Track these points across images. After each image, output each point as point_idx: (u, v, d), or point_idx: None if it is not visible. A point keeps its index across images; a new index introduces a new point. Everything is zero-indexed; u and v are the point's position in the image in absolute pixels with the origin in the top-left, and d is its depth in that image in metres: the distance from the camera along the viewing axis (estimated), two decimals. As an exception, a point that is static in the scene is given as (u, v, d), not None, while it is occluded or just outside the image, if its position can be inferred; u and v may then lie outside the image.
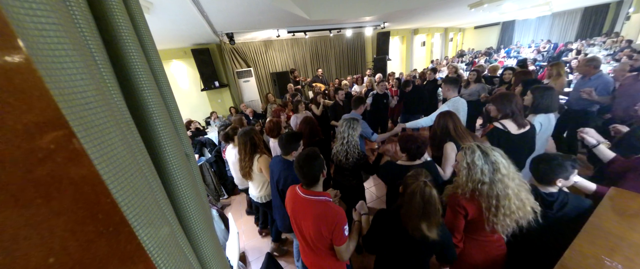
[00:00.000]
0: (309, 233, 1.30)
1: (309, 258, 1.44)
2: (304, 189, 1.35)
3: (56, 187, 0.27)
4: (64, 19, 0.32)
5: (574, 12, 11.77)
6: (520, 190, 1.21)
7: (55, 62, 0.29)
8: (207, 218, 0.72)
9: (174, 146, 0.60)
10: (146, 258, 0.38)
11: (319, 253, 1.35)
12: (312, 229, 1.27)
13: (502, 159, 1.23)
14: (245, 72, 6.64)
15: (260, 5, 3.41)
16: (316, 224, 1.24)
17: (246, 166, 2.19)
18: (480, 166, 1.23)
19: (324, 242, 1.27)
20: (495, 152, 1.25)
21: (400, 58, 11.38)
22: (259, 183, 2.31)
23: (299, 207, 1.36)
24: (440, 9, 6.00)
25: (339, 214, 1.23)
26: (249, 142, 2.15)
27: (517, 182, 1.22)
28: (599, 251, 1.06)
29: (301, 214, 1.34)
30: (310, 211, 1.28)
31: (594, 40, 9.37)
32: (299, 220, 1.37)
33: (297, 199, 1.37)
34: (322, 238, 1.25)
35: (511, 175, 1.22)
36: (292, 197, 1.42)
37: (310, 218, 1.27)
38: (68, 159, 0.28)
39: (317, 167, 1.30)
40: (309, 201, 1.31)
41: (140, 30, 0.59)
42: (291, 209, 1.43)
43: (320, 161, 1.32)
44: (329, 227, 1.22)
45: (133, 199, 0.37)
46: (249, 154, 2.17)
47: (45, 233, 0.26)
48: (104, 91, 0.39)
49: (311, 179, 1.32)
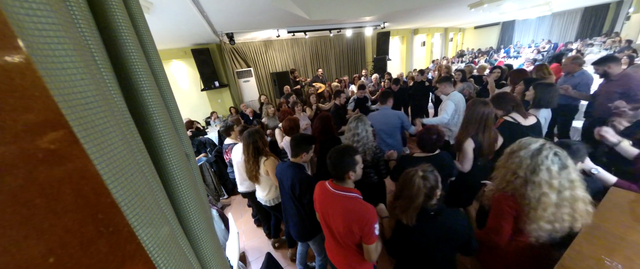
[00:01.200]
0: (338, 229, 1.29)
1: (337, 255, 1.42)
2: (335, 184, 1.34)
3: (56, 188, 0.27)
4: (64, 19, 0.32)
5: (574, 12, 11.78)
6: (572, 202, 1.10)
7: (55, 62, 0.29)
8: (207, 218, 0.72)
9: (174, 146, 0.60)
10: (146, 258, 0.38)
11: (347, 250, 1.34)
12: (341, 226, 1.26)
13: (554, 166, 1.10)
14: (245, 72, 6.64)
15: (260, 5, 3.41)
16: (346, 220, 1.23)
17: (252, 169, 2.13)
18: (521, 159, 1.17)
19: (354, 239, 1.26)
20: (554, 157, 1.11)
21: (400, 58, 11.38)
22: (267, 186, 2.23)
23: (328, 202, 1.34)
24: (440, 9, 6.01)
25: (370, 211, 1.22)
26: (251, 145, 2.08)
27: (567, 194, 1.10)
28: (599, 251, 1.06)
29: (330, 209, 1.33)
30: (340, 207, 1.27)
31: (594, 40, 9.37)
32: (327, 215, 1.36)
33: (327, 194, 1.35)
34: (352, 235, 1.24)
35: (558, 185, 1.10)
36: (322, 192, 1.41)
37: (340, 214, 1.26)
38: (68, 159, 0.28)
39: (350, 163, 1.28)
40: (339, 196, 1.30)
41: (140, 30, 0.59)
42: (320, 204, 1.42)
43: (354, 159, 1.30)
44: (359, 224, 1.21)
45: (133, 199, 0.37)
46: (252, 157, 2.10)
47: (45, 233, 0.26)
48: (104, 91, 0.39)
49: (340, 174, 1.31)
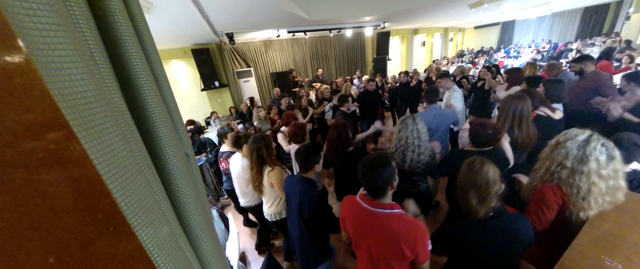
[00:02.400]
0: (381, 252, 1.12)
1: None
2: (371, 201, 1.15)
3: (56, 188, 0.27)
4: (64, 19, 0.32)
5: (574, 12, 11.77)
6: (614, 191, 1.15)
7: (55, 62, 0.29)
8: (207, 218, 0.72)
9: (174, 146, 0.60)
10: (146, 258, 0.38)
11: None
12: (386, 248, 1.09)
13: (602, 157, 1.13)
14: (245, 72, 6.64)
15: (260, 5, 3.41)
16: (394, 242, 1.07)
17: (256, 178, 1.94)
18: (568, 150, 1.18)
19: (405, 262, 1.09)
20: (602, 148, 1.13)
21: (400, 58, 11.38)
22: (270, 198, 2.02)
23: (365, 222, 1.16)
24: (440, 9, 6.01)
25: (420, 228, 1.06)
26: (255, 152, 1.89)
27: (611, 184, 1.14)
28: (599, 251, 1.06)
29: (370, 230, 1.15)
30: (384, 228, 1.10)
31: (594, 40, 9.37)
32: (364, 236, 1.19)
33: (363, 213, 1.17)
34: (402, 258, 1.08)
35: (606, 174, 1.14)
36: (354, 210, 1.22)
37: (382, 235, 1.10)
38: (68, 160, 0.28)
39: (387, 176, 1.10)
40: (379, 215, 1.12)
41: (140, 30, 0.59)
42: (353, 224, 1.23)
43: (391, 169, 1.11)
44: (411, 245, 1.04)
45: (133, 199, 0.37)
46: (256, 165, 1.92)
47: (46, 233, 0.26)
48: (104, 91, 0.39)
49: (379, 189, 1.12)
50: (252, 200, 2.30)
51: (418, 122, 1.78)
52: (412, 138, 1.77)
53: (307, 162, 1.54)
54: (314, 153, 1.56)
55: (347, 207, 1.27)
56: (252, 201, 2.31)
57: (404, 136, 1.79)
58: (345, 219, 1.28)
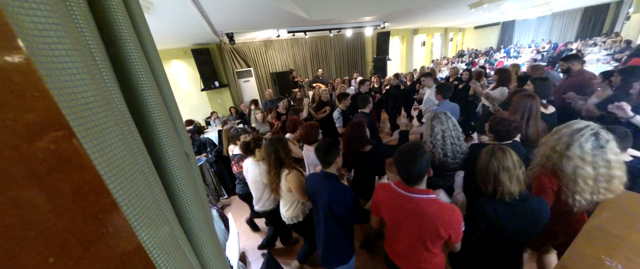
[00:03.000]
0: (417, 233, 1.22)
1: (408, 258, 1.34)
2: (407, 187, 1.24)
3: (56, 188, 0.27)
4: (64, 19, 0.32)
5: (574, 12, 11.78)
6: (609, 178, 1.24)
7: (55, 62, 0.29)
8: (207, 218, 0.72)
9: (174, 146, 0.60)
10: (146, 258, 0.38)
11: (420, 252, 1.27)
12: (423, 229, 1.20)
13: (587, 144, 1.24)
14: (245, 72, 6.64)
15: (260, 5, 3.41)
16: (431, 224, 1.17)
17: (274, 181, 1.89)
18: (560, 136, 1.32)
19: (439, 241, 1.21)
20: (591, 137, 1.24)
21: (400, 58, 11.38)
22: (288, 201, 1.99)
23: (400, 206, 1.27)
24: (440, 9, 6.01)
25: (455, 210, 1.17)
26: (273, 154, 1.83)
27: (602, 171, 1.24)
28: (599, 251, 1.06)
29: (404, 214, 1.25)
30: (419, 211, 1.20)
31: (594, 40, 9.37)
32: (398, 219, 1.29)
33: (398, 199, 1.27)
34: (437, 238, 1.19)
35: (591, 160, 1.23)
36: (391, 196, 1.32)
37: (419, 218, 1.20)
38: (68, 160, 0.28)
39: (424, 165, 1.19)
40: (416, 200, 1.22)
41: (140, 30, 0.59)
42: (389, 208, 1.34)
43: (428, 158, 1.20)
44: (447, 227, 1.16)
45: (133, 199, 0.37)
46: (274, 168, 1.86)
47: (46, 233, 0.26)
48: (104, 90, 0.39)
49: (417, 177, 1.21)
50: (268, 204, 2.24)
51: (450, 116, 1.91)
52: (449, 130, 1.86)
53: (328, 156, 1.55)
54: (334, 146, 1.57)
55: (383, 193, 1.37)
56: (268, 206, 2.24)
57: (439, 130, 1.87)
58: (380, 204, 1.38)
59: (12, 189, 0.24)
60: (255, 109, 3.73)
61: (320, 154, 1.57)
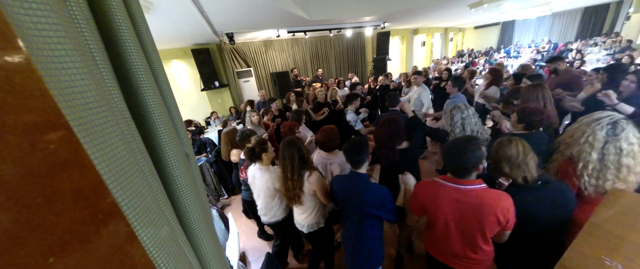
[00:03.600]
0: (478, 225, 1.22)
1: (462, 253, 1.32)
2: (458, 180, 1.24)
3: (56, 188, 0.27)
4: (64, 19, 0.32)
5: (574, 12, 11.77)
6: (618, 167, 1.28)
7: (55, 62, 0.29)
8: (207, 218, 0.72)
9: (174, 146, 0.60)
10: (146, 258, 0.38)
11: (483, 244, 1.27)
12: (480, 219, 1.20)
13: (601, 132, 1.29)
14: (245, 72, 6.64)
15: (260, 5, 3.41)
16: (489, 212, 1.18)
17: (295, 187, 1.70)
18: (580, 124, 1.38)
19: (496, 229, 1.22)
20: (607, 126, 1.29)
21: (400, 58, 11.37)
22: (309, 207, 1.82)
23: (451, 200, 1.26)
24: (440, 9, 6.01)
25: (508, 196, 1.19)
26: (296, 156, 1.67)
27: (611, 158, 1.28)
28: (599, 251, 1.06)
29: (457, 206, 1.24)
30: (478, 202, 1.20)
31: (595, 40, 9.37)
32: (449, 214, 1.27)
33: (447, 193, 1.27)
34: (495, 226, 1.20)
35: (600, 147, 1.29)
36: (436, 192, 1.30)
37: (474, 208, 1.20)
38: (68, 160, 0.28)
39: (476, 159, 1.19)
40: (469, 192, 1.22)
41: (140, 30, 0.59)
42: (436, 204, 1.31)
43: (481, 153, 1.20)
44: (505, 212, 1.17)
45: (133, 199, 0.37)
46: (298, 171, 1.69)
47: (46, 233, 0.26)
48: (104, 90, 0.39)
49: (469, 169, 1.22)
50: (279, 214, 2.05)
51: (469, 106, 2.01)
52: (469, 118, 1.95)
53: (360, 155, 1.49)
54: (366, 146, 1.52)
55: (428, 190, 1.35)
56: (279, 215, 2.05)
57: (459, 118, 1.95)
58: (425, 201, 1.35)
59: (12, 189, 0.24)
60: (251, 111, 3.49)
61: (351, 155, 1.50)
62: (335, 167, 1.99)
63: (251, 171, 2.04)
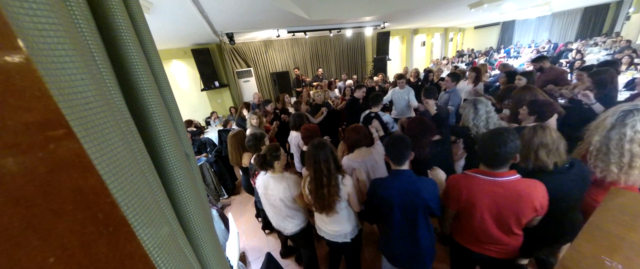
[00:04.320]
0: (515, 216, 1.25)
1: (499, 243, 1.35)
2: (490, 172, 1.27)
3: (56, 188, 0.27)
4: (64, 19, 0.32)
5: (574, 12, 11.77)
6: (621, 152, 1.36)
7: (55, 62, 0.29)
8: (207, 218, 0.72)
9: (174, 146, 0.60)
10: (146, 258, 0.38)
11: (518, 233, 1.32)
12: (521, 210, 1.23)
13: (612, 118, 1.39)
14: (245, 72, 6.64)
15: (260, 5, 3.41)
16: (526, 201, 1.22)
17: (332, 194, 1.52)
18: (606, 116, 1.44)
19: (531, 216, 1.26)
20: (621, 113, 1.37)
21: (400, 58, 11.38)
22: (345, 214, 1.66)
23: (487, 192, 1.27)
24: (440, 9, 6.01)
25: (541, 184, 1.24)
26: (331, 159, 1.53)
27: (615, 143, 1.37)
28: (599, 251, 1.06)
29: (493, 197, 1.26)
30: (516, 193, 1.22)
31: (595, 40, 9.37)
32: (485, 205, 1.28)
33: (482, 185, 1.28)
34: (532, 213, 1.24)
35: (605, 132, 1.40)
36: (471, 185, 1.31)
37: (517, 200, 1.22)
38: (68, 159, 0.28)
39: (514, 148, 1.21)
40: (505, 183, 1.24)
41: (140, 30, 0.59)
42: (473, 197, 1.30)
43: (518, 142, 1.23)
44: (541, 201, 1.22)
45: (133, 199, 0.37)
46: (334, 176, 1.53)
47: (46, 233, 0.26)
48: (104, 91, 0.39)
49: (504, 161, 1.24)
50: (301, 222, 1.88)
51: (487, 101, 2.11)
52: (491, 111, 2.05)
53: (405, 151, 1.45)
54: (409, 140, 1.49)
55: (463, 185, 1.35)
56: (301, 223, 1.88)
57: (484, 111, 2.04)
58: (460, 196, 1.35)
59: (12, 189, 0.24)
60: (251, 114, 3.24)
61: (397, 150, 1.45)
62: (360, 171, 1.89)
63: (262, 180, 1.83)
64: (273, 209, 1.86)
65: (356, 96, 3.68)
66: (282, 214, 1.84)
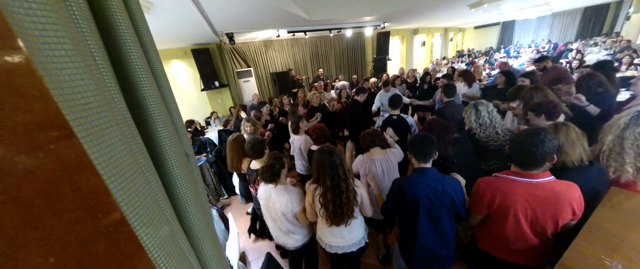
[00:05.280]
0: (552, 219, 1.20)
1: (527, 250, 1.29)
2: (525, 173, 1.22)
3: (56, 188, 0.27)
4: (64, 19, 0.32)
5: (574, 12, 11.77)
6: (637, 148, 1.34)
7: (55, 62, 0.29)
8: (207, 218, 0.72)
9: (174, 146, 0.60)
10: (146, 258, 0.38)
11: (547, 235, 1.25)
12: (559, 213, 1.18)
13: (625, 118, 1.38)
14: (245, 72, 6.64)
15: (260, 5, 3.41)
16: (563, 203, 1.17)
17: (350, 200, 1.47)
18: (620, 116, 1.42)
19: (567, 220, 1.21)
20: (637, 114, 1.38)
21: (400, 58, 11.37)
22: (359, 221, 1.64)
23: (522, 194, 1.22)
24: (440, 9, 6.01)
25: (577, 186, 1.19)
26: (340, 167, 1.48)
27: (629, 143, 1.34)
28: (599, 251, 1.06)
29: (528, 200, 1.20)
30: (554, 195, 1.18)
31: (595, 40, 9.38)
32: (519, 209, 1.23)
33: (515, 188, 1.23)
34: (569, 216, 1.19)
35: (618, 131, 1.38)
36: (504, 188, 1.26)
37: (555, 202, 1.17)
38: (68, 160, 0.28)
39: (555, 146, 1.18)
40: (541, 185, 1.20)
41: (140, 30, 0.59)
42: (506, 201, 1.25)
43: (555, 142, 1.19)
44: (579, 203, 1.18)
45: (133, 199, 0.37)
46: (346, 183, 1.48)
47: (46, 233, 0.26)
48: (104, 91, 0.39)
49: (540, 162, 1.19)
50: (305, 235, 1.80)
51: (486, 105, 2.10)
52: (493, 111, 2.07)
53: (431, 147, 1.43)
54: (433, 140, 1.46)
55: (496, 188, 1.28)
56: (306, 236, 1.81)
57: (486, 113, 2.04)
58: (493, 200, 1.28)
59: (12, 189, 0.24)
60: (245, 121, 3.01)
61: (423, 146, 1.42)
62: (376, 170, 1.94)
63: (265, 191, 1.73)
64: (274, 223, 1.78)
65: (358, 100, 3.53)
66: (283, 229, 1.76)
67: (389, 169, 1.96)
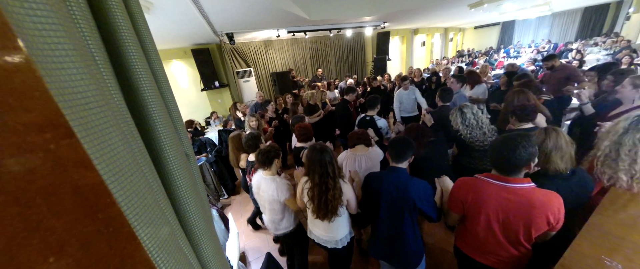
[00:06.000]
0: (524, 225, 1.18)
1: (500, 252, 1.29)
2: (505, 177, 1.20)
3: (56, 188, 0.27)
4: (64, 19, 0.32)
5: (574, 12, 11.77)
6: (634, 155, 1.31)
7: (55, 62, 0.29)
8: (207, 218, 0.72)
9: (174, 146, 0.60)
10: (146, 258, 0.38)
11: (526, 244, 1.24)
12: (532, 220, 1.15)
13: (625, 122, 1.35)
14: (245, 72, 6.64)
15: (260, 5, 3.41)
16: (543, 213, 1.14)
17: (336, 198, 1.52)
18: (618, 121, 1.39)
19: (543, 229, 1.18)
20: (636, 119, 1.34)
21: (400, 58, 11.37)
22: (344, 219, 1.69)
23: (495, 197, 1.22)
24: (440, 9, 6.01)
25: (558, 197, 1.15)
26: (333, 161, 1.54)
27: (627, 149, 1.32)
28: (599, 251, 1.06)
29: (505, 206, 1.20)
30: (528, 201, 1.15)
31: (595, 40, 9.38)
32: (492, 212, 1.23)
33: (496, 191, 1.22)
34: (544, 226, 1.16)
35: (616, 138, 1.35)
36: (478, 189, 1.27)
37: (529, 209, 1.15)
38: (68, 159, 0.28)
39: (528, 155, 1.14)
40: (517, 190, 1.18)
41: (140, 30, 0.59)
42: (478, 202, 1.27)
43: (534, 150, 1.16)
44: (555, 214, 1.14)
45: (133, 199, 0.37)
46: (338, 179, 1.55)
47: (46, 233, 0.26)
48: (104, 91, 0.39)
49: (517, 168, 1.17)
50: (291, 223, 1.91)
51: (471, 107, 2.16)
52: (478, 112, 2.12)
53: (408, 151, 1.50)
54: (413, 143, 1.54)
55: (470, 188, 1.31)
56: (292, 224, 1.91)
57: (471, 114, 2.10)
58: (466, 199, 1.32)
59: (12, 189, 0.24)
60: (249, 116, 3.16)
61: (399, 147, 1.50)
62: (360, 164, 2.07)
63: (256, 180, 1.89)
64: (264, 209, 1.93)
65: (347, 99, 3.68)
66: (271, 217, 1.89)
67: (369, 167, 2.06)
